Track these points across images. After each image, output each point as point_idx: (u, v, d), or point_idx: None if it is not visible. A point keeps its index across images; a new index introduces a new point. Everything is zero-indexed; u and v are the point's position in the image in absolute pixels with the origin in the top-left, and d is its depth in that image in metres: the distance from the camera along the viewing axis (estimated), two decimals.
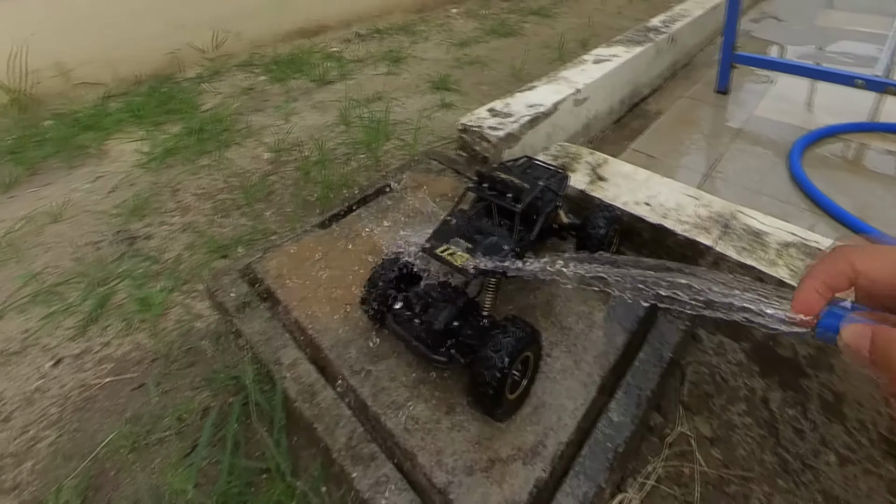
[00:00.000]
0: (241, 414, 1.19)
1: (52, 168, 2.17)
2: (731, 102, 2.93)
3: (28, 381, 1.28)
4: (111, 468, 1.10)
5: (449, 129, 2.36)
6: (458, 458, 0.94)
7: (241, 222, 1.77)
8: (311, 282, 1.32)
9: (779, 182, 2.16)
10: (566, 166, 1.74)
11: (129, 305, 1.46)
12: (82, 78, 2.75)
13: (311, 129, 2.38)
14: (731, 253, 1.35)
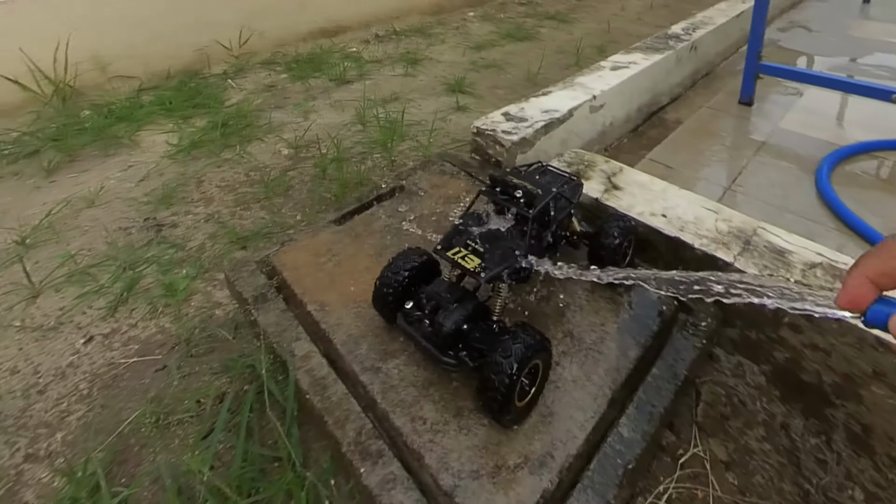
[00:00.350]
0: (255, 402, 1.20)
1: (90, 156, 2.26)
2: (755, 114, 2.78)
3: (62, 356, 1.35)
4: (134, 444, 1.14)
5: (463, 131, 2.38)
6: (464, 462, 0.93)
7: (260, 215, 1.83)
8: (325, 276, 1.33)
9: (804, 199, 2.04)
10: (580, 174, 1.70)
11: (154, 290, 1.53)
12: (118, 71, 2.84)
13: (328, 127, 2.42)
14: (752, 270, 1.29)
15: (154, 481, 1.06)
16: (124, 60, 2.85)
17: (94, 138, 2.34)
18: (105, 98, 2.72)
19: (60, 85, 2.66)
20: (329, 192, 1.92)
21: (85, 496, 1.02)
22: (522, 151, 1.83)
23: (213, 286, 1.53)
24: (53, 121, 2.49)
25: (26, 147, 2.28)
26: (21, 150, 2.27)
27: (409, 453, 0.97)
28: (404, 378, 1.08)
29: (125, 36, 2.84)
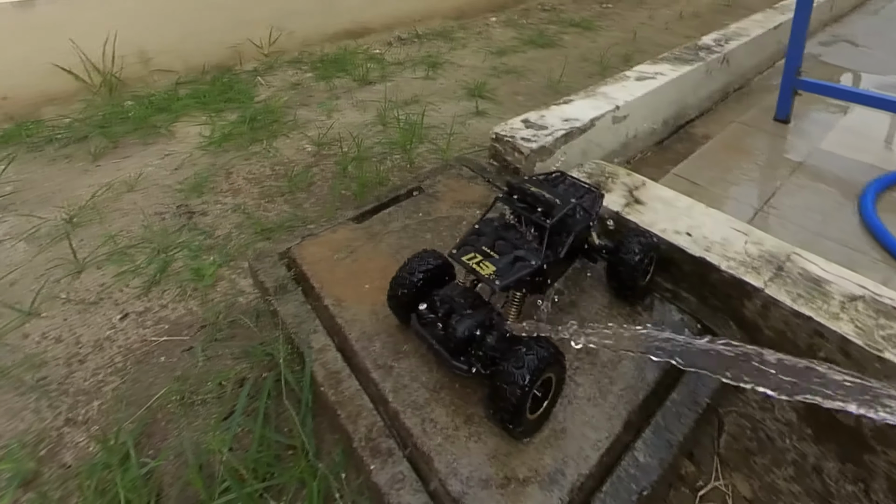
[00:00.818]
0: (272, 389, 1.21)
1: (131, 143, 2.36)
2: (792, 132, 2.56)
3: (101, 329, 1.44)
4: (161, 419, 1.21)
5: (482, 136, 2.39)
6: (473, 470, 0.91)
7: (283, 208, 1.90)
8: (342, 272, 1.33)
9: (846, 226, 1.87)
10: (601, 185, 1.63)
11: (184, 274, 1.61)
12: (158, 65, 2.95)
13: (350, 126, 2.47)
14: (784, 299, 1.18)
15: (177, 456, 1.12)
16: (165, 55, 2.95)
17: (135, 127, 2.44)
18: (146, 90, 2.82)
19: (108, 76, 2.77)
20: (349, 190, 1.97)
21: (116, 464, 1.08)
22: (541, 160, 1.79)
23: (238, 274, 1.61)
24: (100, 109, 2.61)
25: (77, 133, 2.40)
26: (72, 135, 2.39)
27: (419, 455, 0.96)
28: (416, 379, 1.07)
29: (167, 32, 2.94)
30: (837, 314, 1.13)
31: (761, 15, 3.45)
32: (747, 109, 2.80)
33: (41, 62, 2.60)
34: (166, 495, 1.06)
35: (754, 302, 1.23)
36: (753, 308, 1.24)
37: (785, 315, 1.18)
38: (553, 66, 3.34)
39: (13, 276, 1.63)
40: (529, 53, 3.62)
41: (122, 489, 1.01)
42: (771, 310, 1.21)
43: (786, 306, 1.17)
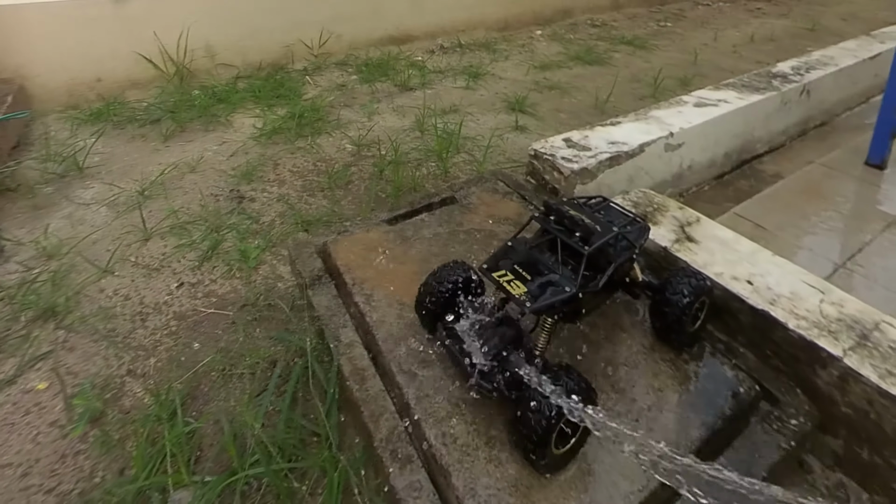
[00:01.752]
0: (301, 375, 1.26)
1: (195, 129, 2.51)
2: (888, 181, 2.16)
3: (160, 293, 1.57)
4: (204, 385, 1.30)
5: (520, 152, 2.35)
6: (492, 495, 0.86)
7: (322, 203, 1.99)
8: (373, 272, 1.31)
9: None
10: (647, 217, 1.49)
11: (232, 253, 1.71)
12: (222, 60, 3.11)
13: (389, 130, 2.54)
14: (869, 374, 0.99)
15: (215, 423, 1.20)
16: (228, 51, 3.12)
17: (199, 114, 2.59)
18: (210, 81, 2.97)
19: (180, 67, 2.95)
20: (384, 193, 2.05)
21: (165, 418, 1.18)
22: (582, 182, 1.67)
23: (278, 260, 1.71)
24: (172, 96, 2.77)
25: (152, 115, 2.58)
26: (148, 117, 2.57)
27: (437, 468, 0.92)
28: (439, 390, 1.02)
29: (231, 30, 3.10)
30: None
31: (854, 42, 3.00)
32: (831, 149, 2.42)
33: (128, 51, 2.83)
34: (205, 455, 1.16)
35: (829, 372, 1.06)
36: (828, 379, 1.07)
37: (868, 393, 1.00)
38: (600, 84, 3.18)
39: (95, 235, 1.79)
40: (575, 70, 3.49)
41: (168, 442, 1.12)
42: (850, 384, 1.03)
43: (870, 382, 0.99)
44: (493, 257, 1.03)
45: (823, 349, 1.05)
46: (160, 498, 1.05)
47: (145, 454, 1.12)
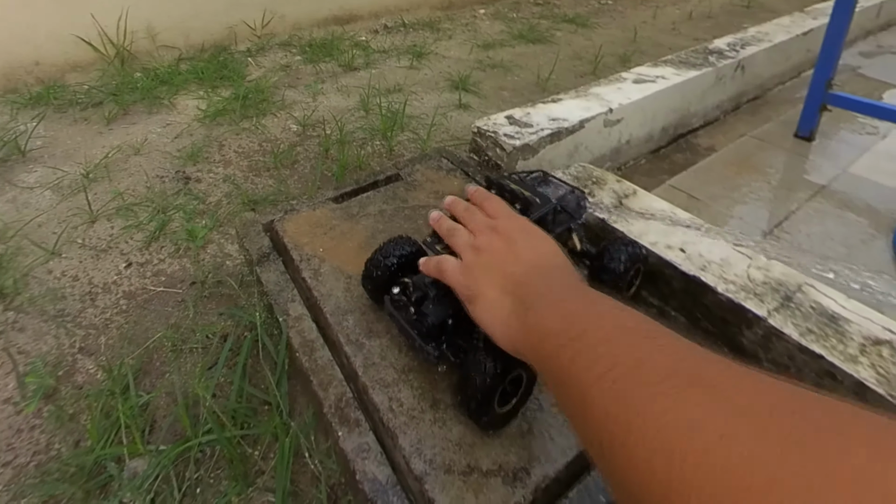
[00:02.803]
0: (251, 348, 1.28)
1: (138, 111, 2.48)
2: (816, 152, 2.25)
3: (109, 273, 1.57)
4: (156, 360, 1.32)
5: (463, 130, 2.39)
6: (437, 453, 0.89)
7: (268, 182, 2.00)
8: (320, 249, 1.33)
9: (874, 261, 1.62)
10: (587, 190, 1.53)
11: (180, 233, 1.72)
12: (163, 41, 3.04)
13: (334, 110, 2.55)
14: (791, 332, 1.04)
15: (168, 394, 1.23)
16: (169, 32, 3.05)
17: (142, 97, 2.56)
18: (152, 64, 2.91)
19: (120, 49, 2.89)
20: (330, 171, 2.07)
21: (118, 392, 1.20)
22: (524, 158, 1.70)
23: (226, 239, 1.72)
24: (114, 79, 2.72)
25: (94, 98, 2.54)
26: (90, 100, 2.52)
27: (384, 430, 0.96)
28: (385, 358, 1.05)
29: (173, 11, 3.03)
30: (855, 357, 0.99)
31: (788, 19, 3.09)
32: (762, 123, 2.52)
33: (67, 34, 2.75)
34: (159, 426, 1.18)
35: (754, 331, 1.12)
36: (753, 337, 1.13)
37: (790, 349, 1.06)
38: (542, 62, 3.21)
39: (40, 219, 1.78)
40: (518, 48, 3.51)
41: (122, 414, 1.14)
42: (773, 342, 1.09)
43: (791, 340, 1.05)
44: (435, 232, 1.04)
45: (750, 311, 1.11)
46: (116, 467, 1.08)
47: (100, 426, 1.14)
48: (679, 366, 0.42)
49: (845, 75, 2.97)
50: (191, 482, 1.07)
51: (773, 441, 0.31)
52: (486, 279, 0.74)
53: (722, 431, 0.33)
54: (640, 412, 0.39)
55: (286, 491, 1.03)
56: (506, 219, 0.85)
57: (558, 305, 0.60)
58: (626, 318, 0.53)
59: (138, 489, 1.04)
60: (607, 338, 0.49)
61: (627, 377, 0.43)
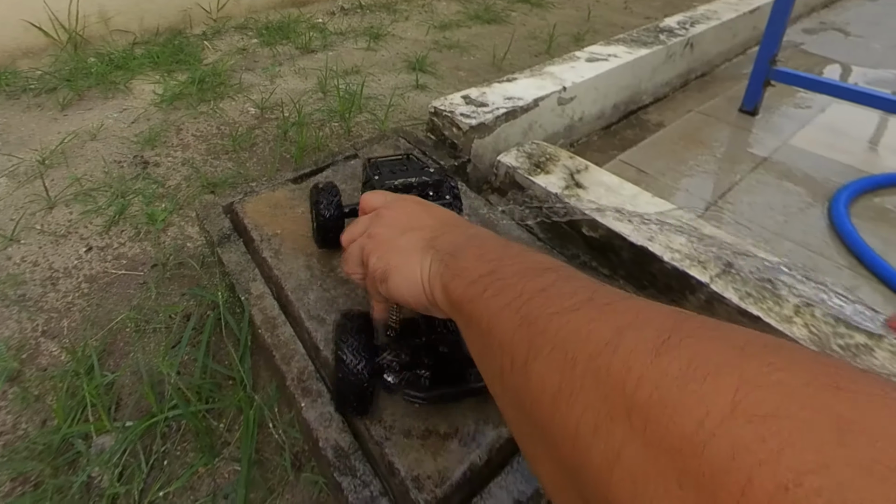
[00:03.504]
0: (215, 326, 1.30)
1: (93, 96, 2.45)
2: (759, 126, 2.32)
3: (70, 258, 1.57)
4: (120, 341, 1.33)
5: (420, 110, 2.41)
6: (396, 420, 0.92)
7: (227, 165, 2.01)
8: (280, 228, 1.35)
9: (811, 228, 1.70)
10: (541, 166, 1.57)
11: (140, 217, 1.72)
12: (117, 26, 3.00)
13: (292, 92, 2.55)
14: (731, 296, 1.11)
15: (133, 373, 1.24)
16: (123, 16, 3.00)
17: (97, 82, 2.52)
18: (106, 48, 2.86)
19: (73, 34, 2.84)
20: (289, 153, 2.08)
21: (83, 372, 1.22)
22: (480, 137, 1.73)
23: (186, 221, 1.73)
24: (67, 64, 2.67)
25: (47, 84, 2.49)
26: (43, 86, 2.48)
27: None
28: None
29: None
30: (790, 318, 1.06)
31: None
32: (709, 98, 2.58)
33: (17, 19, 2.69)
34: (124, 404, 1.20)
35: (698, 296, 1.18)
36: (697, 302, 1.19)
37: (730, 312, 1.12)
38: (498, 42, 3.23)
39: None
40: (474, 29, 3.52)
41: (88, 394, 1.16)
42: (715, 306, 1.15)
43: (732, 303, 1.11)
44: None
45: (694, 277, 1.17)
46: (84, 444, 1.11)
47: (66, 406, 1.16)
48: (579, 291, 0.44)
49: (789, 51, 3.05)
50: (158, 455, 1.10)
51: (649, 347, 0.34)
52: (396, 250, 0.73)
53: (608, 339, 0.36)
54: (541, 330, 0.42)
55: (251, 460, 1.06)
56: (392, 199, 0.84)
57: (475, 248, 0.62)
58: (537, 256, 0.56)
59: (106, 463, 1.06)
60: (518, 272, 0.52)
61: (532, 303, 0.45)
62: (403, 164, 1.17)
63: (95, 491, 1.05)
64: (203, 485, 1.07)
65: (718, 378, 0.30)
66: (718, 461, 0.27)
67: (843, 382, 0.27)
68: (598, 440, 0.33)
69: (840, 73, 2.94)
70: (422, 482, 0.85)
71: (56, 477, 1.07)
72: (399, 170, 1.13)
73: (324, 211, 1.13)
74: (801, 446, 0.25)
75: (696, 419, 0.28)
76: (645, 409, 0.31)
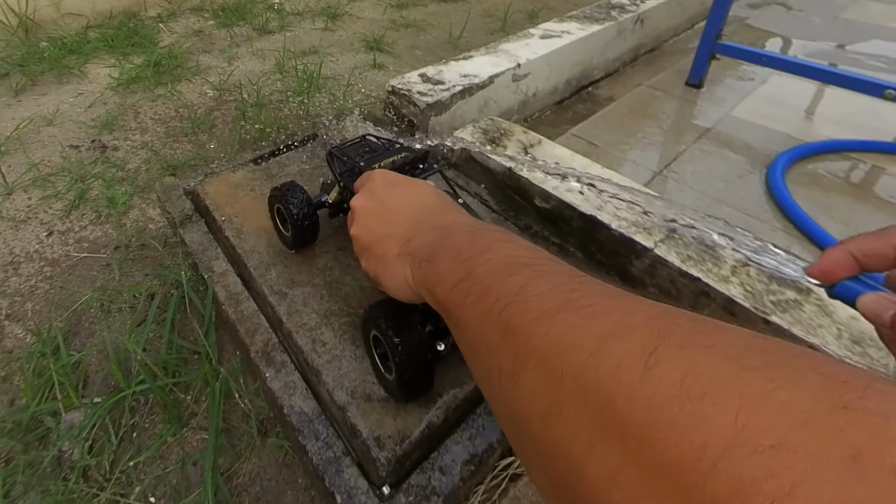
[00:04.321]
0: (179, 304, 1.33)
1: (47, 81, 2.43)
2: (704, 98, 2.43)
3: (31, 243, 1.59)
4: (85, 321, 1.36)
5: (378, 89, 2.44)
6: (358, 385, 0.96)
7: (187, 148, 2.02)
8: (241, 209, 1.37)
9: (749, 194, 1.81)
10: (496, 141, 1.61)
11: (100, 201, 1.73)
12: (69, 9, 2.95)
13: (250, 73, 2.56)
14: (674, 260, 1.18)
15: (100, 352, 1.27)
16: None
17: (50, 67, 2.50)
18: (59, 32, 2.83)
19: (23, 18, 2.79)
20: (249, 135, 2.09)
21: (49, 352, 1.24)
22: (437, 114, 1.76)
23: (147, 204, 1.75)
24: (18, 49, 2.64)
25: None
26: None
27: (309, 369, 1.02)
28: (308, 305, 1.11)
29: None
30: (727, 277, 1.13)
31: None
32: (658, 73, 2.67)
33: None
34: (92, 381, 1.23)
35: (642, 260, 1.25)
36: (641, 266, 1.26)
37: (672, 274, 1.19)
38: (454, 21, 3.27)
39: None
40: (430, 7, 3.55)
41: (55, 373, 1.19)
42: (658, 269, 1.22)
43: (673, 266, 1.18)
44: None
45: (639, 243, 1.23)
46: (53, 420, 1.14)
47: (33, 385, 1.19)
48: (557, 290, 0.43)
49: (734, 26, 3.12)
50: (127, 428, 1.14)
51: (637, 360, 0.32)
52: (376, 258, 0.75)
53: (591, 350, 0.35)
54: (525, 340, 0.40)
55: (219, 428, 1.10)
56: (367, 188, 0.83)
57: (447, 249, 0.61)
58: (509, 248, 0.54)
59: (76, 438, 1.10)
60: (492, 271, 0.50)
61: (512, 307, 0.44)
62: (366, 146, 1.19)
63: (67, 464, 1.08)
64: (172, 453, 1.11)
65: (716, 397, 0.28)
66: (723, 497, 0.25)
67: (850, 399, 0.25)
68: (594, 459, 0.32)
69: (781, 46, 3.05)
70: (383, 441, 0.90)
71: (27, 452, 1.10)
72: (364, 152, 1.15)
73: (295, 211, 1.13)
74: (818, 483, 0.23)
75: (696, 446, 0.27)
76: (639, 430, 0.30)
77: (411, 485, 0.90)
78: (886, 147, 2.01)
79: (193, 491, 1.05)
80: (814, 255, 1.56)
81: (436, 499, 0.88)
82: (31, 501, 1.03)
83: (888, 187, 1.85)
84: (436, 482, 0.91)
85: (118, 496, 1.04)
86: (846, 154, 2.01)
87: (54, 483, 1.04)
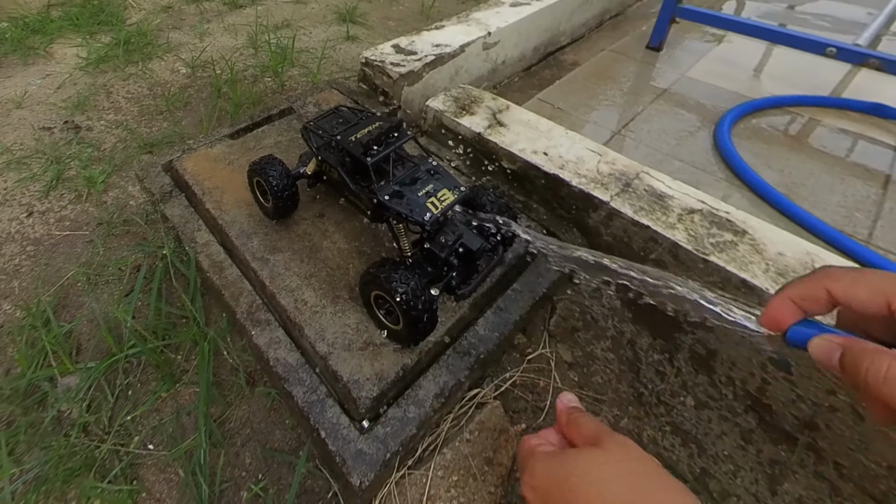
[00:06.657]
0: (164, 274, 1.45)
1: (12, 64, 2.53)
2: (662, 60, 2.63)
3: (11, 223, 1.69)
4: (73, 294, 1.47)
5: (352, 61, 2.56)
6: (338, 337, 1.10)
7: (162, 125, 2.12)
8: (221, 182, 1.47)
9: (698, 149, 2.01)
10: (466, 109, 1.73)
11: (78, 180, 1.83)
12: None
13: (223, 49, 2.66)
14: (627, 210, 1.32)
15: (90, 322, 1.39)
16: None
17: (13, 48, 2.60)
18: (19, 12, 2.92)
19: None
20: (224, 110, 2.19)
21: (40, 324, 1.36)
22: (409, 84, 1.85)
23: (126, 181, 1.84)
24: None
25: None
26: None
27: (292, 326, 1.15)
28: (289, 269, 1.24)
29: None
30: (674, 224, 1.27)
31: None
32: (621, 37, 2.85)
33: None
34: (84, 349, 1.35)
35: (599, 213, 1.38)
36: (597, 218, 1.39)
37: (625, 224, 1.33)
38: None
39: None
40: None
41: (47, 343, 1.31)
42: (613, 219, 1.35)
43: (627, 216, 1.32)
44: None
45: (596, 197, 1.38)
46: (49, 385, 1.28)
47: (27, 355, 1.32)
48: None
49: None
50: (122, 387, 1.28)
51: None
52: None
53: None
54: None
55: (209, 381, 1.24)
56: (529, 485, 0.70)
57: None
58: None
59: (74, 399, 1.24)
60: None
61: None
62: (339, 117, 1.28)
63: (67, 422, 1.22)
64: (167, 406, 1.25)
65: None
66: None
67: None
68: None
69: (738, 7, 3.34)
70: (361, 383, 1.05)
71: (27, 415, 1.24)
72: (338, 124, 1.25)
73: (275, 183, 1.24)
74: None
75: None
76: None
77: (389, 417, 1.04)
78: (822, 101, 2.28)
79: (189, 437, 1.19)
80: (751, 201, 1.78)
81: (410, 427, 1.03)
82: (35, 457, 1.17)
83: (821, 137, 2.10)
84: (411, 414, 1.05)
85: (118, 446, 1.18)
86: (787, 109, 2.26)
87: (56, 439, 1.18)
